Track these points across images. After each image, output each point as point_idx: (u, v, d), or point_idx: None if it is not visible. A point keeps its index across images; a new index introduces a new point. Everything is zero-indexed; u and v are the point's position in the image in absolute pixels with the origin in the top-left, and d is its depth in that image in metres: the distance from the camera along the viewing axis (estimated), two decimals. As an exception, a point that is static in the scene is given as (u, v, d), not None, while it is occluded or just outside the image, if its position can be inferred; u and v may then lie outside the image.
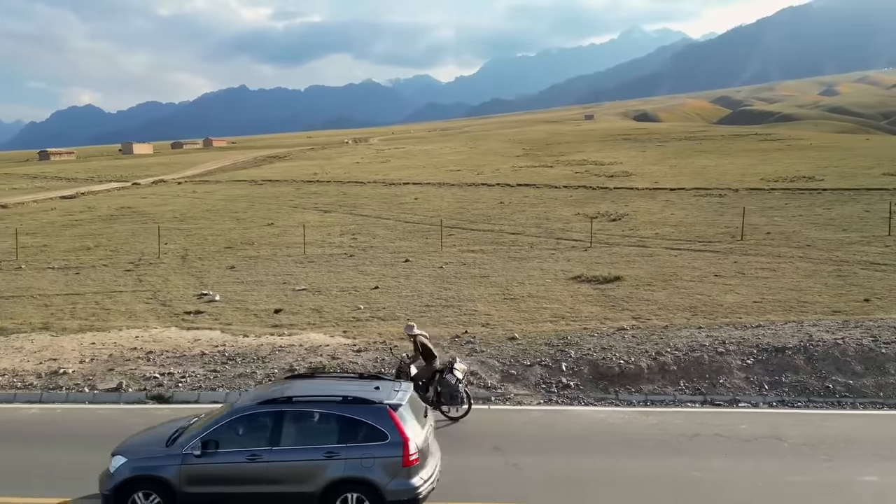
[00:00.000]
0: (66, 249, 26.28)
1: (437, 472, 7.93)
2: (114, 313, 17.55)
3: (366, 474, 7.47)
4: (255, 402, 8.22)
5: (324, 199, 40.13)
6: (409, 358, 11.30)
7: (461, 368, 11.07)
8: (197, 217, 33.86)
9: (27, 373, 13.34)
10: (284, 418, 7.91)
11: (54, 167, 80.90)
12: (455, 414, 10.90)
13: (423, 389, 10.92)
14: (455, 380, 10.69)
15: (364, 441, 7.60)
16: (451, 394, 10.69)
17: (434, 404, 10.83)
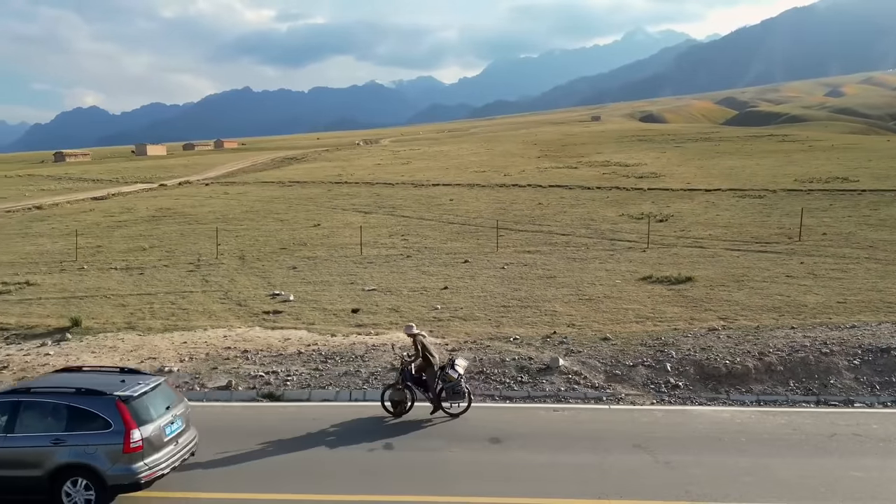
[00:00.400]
0: (121, 250, 26.49)
1: (175, 458, 8.63)
2: (192, 313, 17.73)
3: (88, 460, 8.14)
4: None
5: (358, 200, 40.32)
6: (410, 357, 11.58)
7: (463, 365, 11.32)
8: (239, 218, 34.06)
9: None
10: (21, 408, 8.52)
11: (76, 168, 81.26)
12: (456, 410, 11.14)
13: (425, 387, 11.22)
14: (457, 375, 10.94)
15: (90, 430, 8.25)
16: (454, 389, 10.93)
17: (436, 401, 11.14)
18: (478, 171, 57.56)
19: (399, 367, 11.60)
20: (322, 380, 12.99)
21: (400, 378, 11.32)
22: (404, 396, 11.25)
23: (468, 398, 11.14)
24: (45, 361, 14.15)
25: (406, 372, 11.28)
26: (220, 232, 30.04)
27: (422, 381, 11.25)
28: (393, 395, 11.26)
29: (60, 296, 19.77)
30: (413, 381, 11.29)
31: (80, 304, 18.88)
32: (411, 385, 11.27)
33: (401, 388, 11.24)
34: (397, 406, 11.23)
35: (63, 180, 63.02)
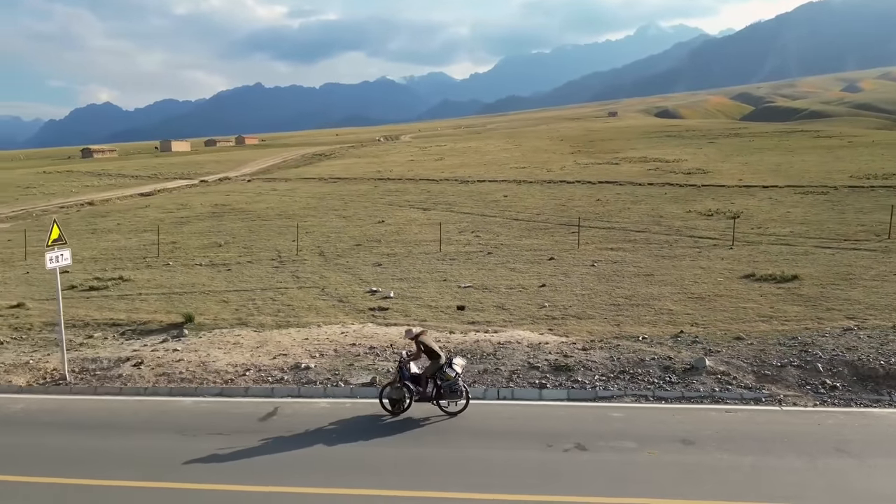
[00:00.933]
0: (197, 246, 26.60)
1: None
2: (298, 310, 17.74)
3: None
4: None
5: (411, 196, 40.29)
6: (409, 355, 11.51)
7: (460, 364, 11.33)
8: (300, 214, 34.12)
9: (270, 367, 13.55)
10: None
11: (112, 164, 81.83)
12: (454, 409, 11.13)
13: (424, 385, 11.13)
14: (455, 374, 10.96)
15: None
16: (451, 387, 10.94)
17: (433, 399, 11.10)
18: (517, 167, 57.39)
19: (397, 364, 11.55)
20: (465, 378, 12.92)
21: (398, 376, 11.23)
22: (402, 395, 11.17)
23: (466, 397, 11.12)
24: (176, 357, 14.20)
25: (404, 370, 11.20)
26: (288, 228, 30.20)
27: (419, 379, 11.20)
28: (391, 394, 11.22)
29: (158, 291, 19.88)
30: (411, 379, 11.21)
31: (182, 299, 18.97)
32: (409, 384, 11.18)
33: (399, 386, 11.17)
34: (395, 404, 11.18)
35: (102, 176, 63.51)
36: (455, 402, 11.12)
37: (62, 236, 14.35)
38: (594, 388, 12.19)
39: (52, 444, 10.23)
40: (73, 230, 31.64)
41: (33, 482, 8.95)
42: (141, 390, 12.91)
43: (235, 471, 9.21)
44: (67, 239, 27.14)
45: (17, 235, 31.26)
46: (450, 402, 11.12)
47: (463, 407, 11.17)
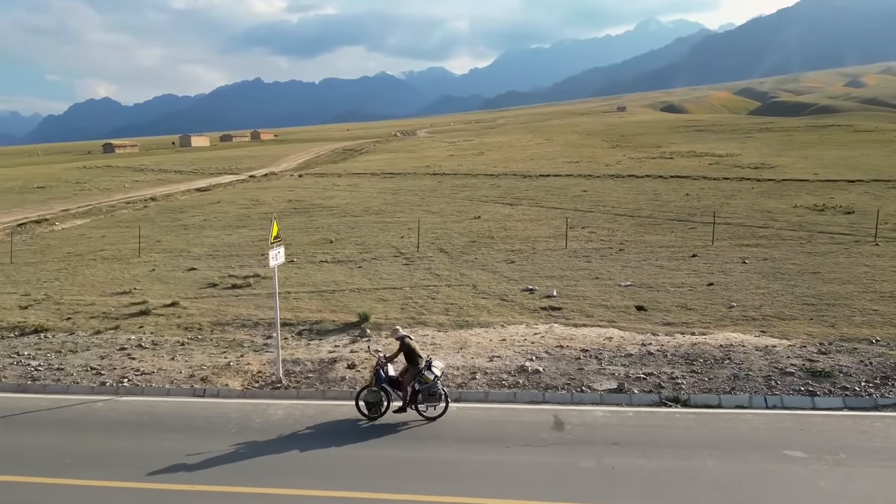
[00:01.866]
0: (307, 243, 25.79)
1: None
2: (466, 308, 16.95)
3: None
4: None
5: (485, 191, 39.49)
6: (386, 358, 11.23)
7: (440, 366, 10.97)
8: (389, 211, 33.31)
9: (494, 370, 12.78)
10: None
11: (150, 159, 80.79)
12: (432, 413, 10.76)
13: (401, 388, 10.82)
14: (434, 377, 10.59)
15: None
16: (430, 390, 10.58)
17: (411, 403, 10.74)
18: (568, 161, 56.71)
19: (374, 367, 11.12)
20: (710, 383, 12.19)
21: (374, 379, 10.84)
22: (380, 398, 10.81)
23: (445, 400, 10.78)
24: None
25: (380, 373, 10.85)
26: (379, 224, 29.43)
27: (397, 382, 10.89)
28: (368, 397, 10.83)
29: (305, 290, 19.09)
30: (389, 382, 10.89)
31: (335, 297, 18.20)
32: (386, 386, 10.85)
33: (376, 389, 10.80)
34: (372, 408, 10.82)
35: (145, 171, 62.55)
36: (434, 405, 10.69)
37: (279, 234, 13.58)
38: (871, 396, 11.45)
39: (382, 455, 9.60)
40: (161, 227, 30.83)
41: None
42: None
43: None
44: (164, 236, 26.45)
45: (106, 231, 30.42)
46: (428, 406, 10.69)
47: (442, 411, 10.74)
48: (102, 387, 12.86)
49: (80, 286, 20.39)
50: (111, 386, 12.89)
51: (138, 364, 13.92)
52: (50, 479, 8.98)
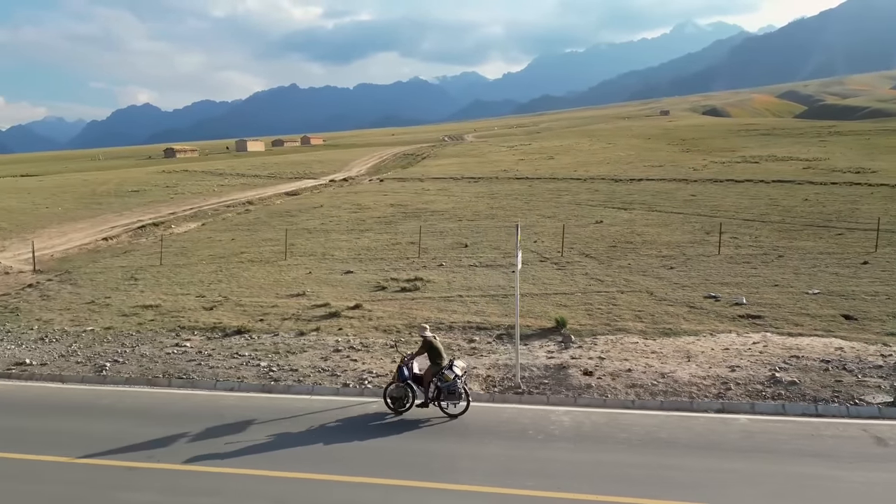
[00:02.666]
0: (442, 247, 25.75)
1: None
2: (658, 315, 16.59)
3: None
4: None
5: (585, 195, 39.07)
6: (410, 356, 11.68)
7: (461, 366, 11.35)
8: (500, 215, 33.15)
9: (745, 381, 12.43)
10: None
11: (223, 164, 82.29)
12: (453, 410, 11.17)
13: (426, 386, 11.26)
14: (454, 375, 11.00)
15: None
16: (450, 389, 10.98)
17: (434, 400, 11.18)
18: (652, 165, 55.89)
19: (398, 364, 11.68)
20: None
21: (397, 376, 11.36)
22: (405, 393, 11.31)
23: (466, 399, 11.18)
24: (620, 366, 13.22)
25: (402, 370, 11.34)
26: (502, 228, 29.25)
27: (420, 378, 11.38)
28: (393, 392, 11.36)
29: (472, 293, 18.96)
30: (413, 378, 11.39)
31: (508, 301, 18.00)
32: (411, 383, 11.34)
33: (402, 385, 11.31)
34: (396, 402, 11.33)
35: (225, 175, 63.68)
36: (455, 403, 11.12)
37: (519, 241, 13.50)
38: None
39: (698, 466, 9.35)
40: (281, 230, 31.18)
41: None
42: (629, 403, 11.93)
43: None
44: (294, 240, 26.62)
45: (234, 234, 30.89)
46: (449, 403, 11.13)
47: (463, 409, 11.16)
48: (346, 388, 12.91)
49: (248, 288, 20.67)
50: (354, 388, 12.94)
51: (364, 365, 13.97)
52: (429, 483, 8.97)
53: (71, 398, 12.87)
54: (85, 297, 20.73)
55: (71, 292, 21.37)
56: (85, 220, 37.60)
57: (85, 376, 14.13)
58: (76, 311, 19.16)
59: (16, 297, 21.25)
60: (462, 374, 11.22)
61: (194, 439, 10.56)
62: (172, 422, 11.29)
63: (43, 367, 14.77)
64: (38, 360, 15.08)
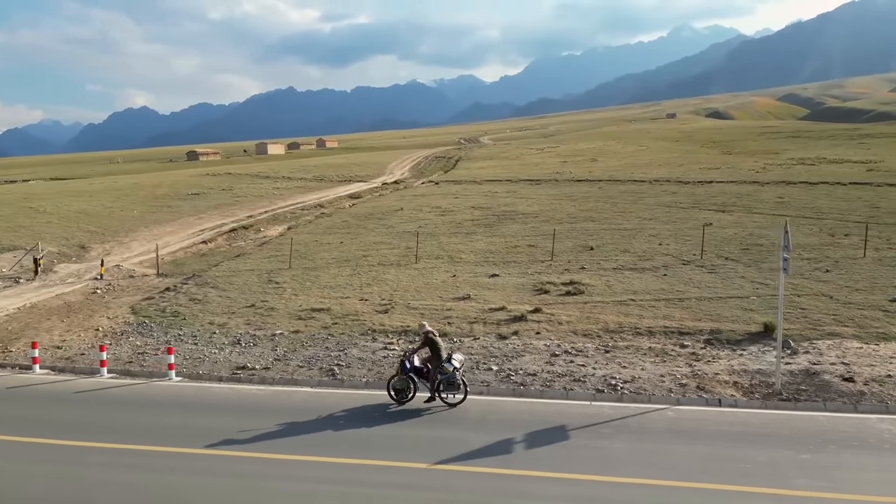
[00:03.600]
0: (565, 250, 25.56)
1: None
2: (863, 319, 16.43)
3: None
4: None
5: (664, 198, 38.91)
6: (411, 350, 12.46)
7: (459, 359, 12.05)
8: (599, 217, 32.94)
9: None
10: None
11: (263, 166, 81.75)
12: (452, 401, 11.97)
13: (427, 378, 12.07)
14: (453, 368, 11.74)
15: None
16: (449, 380, 11.77)
17: (435, 391, 12.02)
18: (707, 167, 55.89)
19: (400, 358, 12.47)
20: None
21: (400, 369, 12.07)
22: (407, 385, 12.04)
23: (464, 390, 11.97)
24: (856, 371, 13.08)
25: (404, 364, 12.04)
26: (617, 231, 29.06)
27: (422, 372, 12.14)
28: (396, 384, 12.11)
29: (642, 297, 18.76)
30: (414, 371, 12.09)
31: (686, 305, 17.82)
32: (412, 376, 12.07)
33: (404, 378, 12.02)
34: (399, 393, 12.08)
35: (271, 178, 63.34)
36: (453, 394, 11.93)
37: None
38: None
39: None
40: (382, 233, 31.01)
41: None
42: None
43: None
44: (403, 243, 26.33)
45: (342, 237, 30.60)
46: (448, 394, 11.95)
47: (461, 399, 11.95)
48: (600, 394, 12.71)
49: (404, 291, 20.46)
50: (609, 393, 12.74)
51: (600, 370, 13.77)
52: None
53: (345, 403, 12.46)
54: (238, 300, 20.50)
55: (220, 295, 21.14)
56: (167, 223, 37.30)
57: (321, 380, 13.92)
58: (243, 314, 18.95)
59: (163, 300, 21.00)
60: (460, 366, 11.96)
61: (509, 444, 10.32)
62: (464, 427, 11.06)
63: (266, 370, 14.55)
64: (256, 364, 14.87)
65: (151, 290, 22.69)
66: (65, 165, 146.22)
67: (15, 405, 13.14)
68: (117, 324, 18.79)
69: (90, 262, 27.55)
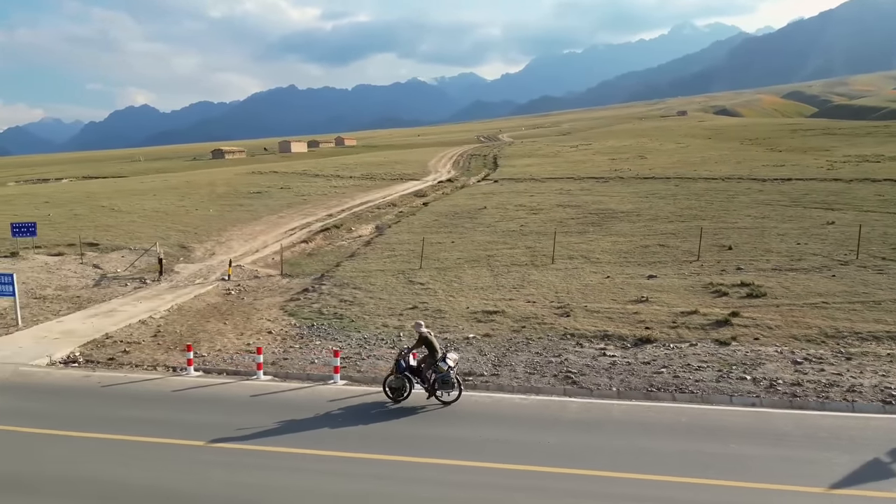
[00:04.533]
0: (704, 249, 24.74)
1: None
2: None
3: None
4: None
5: (760, 196, 37.91)
6: (407, 349, 12.50)
7: (453, 358, 12.10)
8: (706, 216, 32.05)
9: None
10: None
11: (305, 164, 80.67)
12: (447, 398, 12.04)
13: (423, 377, 12.11)
14: (447, 367, 11.81)
15: None
16: (444, 379, 11.85)
17: (431, 390, 12.05)
18: (773, 165, 54.97)
19: (395, 358, 12.51)
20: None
21: (395, 368, 12.16)
22: (402, 384, 12.16)
23: (459, 388, 12.03)
24: None
25: (400, 363, 12.12)
26: (738, 230, 28.19)
27: (417, 371, 12.18)
28: (392, 383, 12.23)
29: (833, 300, 17.94)
30: (410, 370, 12.16)
31: (876, 309, 17.00)
32: (408, 375, 12.13)
33: (400, 377, 12.12)
34: (395, 392, 12.18)
35: (319, 177, 62.39)
36: (448, 392, 11.98)
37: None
38: None
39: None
40: (486, 232, 30.17)
41: None
42: None
43: None
44: (520, 242, 25.39)
45: (454, 238, 29.77)
46: (443, 392, 11.98)
47: (456, 398, 11.99)
48: (891, 406, 11.90)
49: (566, 292, 19.63)
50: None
51: (866, 380, 12.94)
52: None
53: (622, 416, 11.66)
54: (393, 301, 19.71)
55: (369, 297, 20.34)
56: (250, 222, 36.41)
57: (556, 387, 13.10)
58: (409, 315, 18.15)
59: (311, 301, 20.22)
60: (454, 365, 12.00)
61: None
62: (759, 441, 10.25)
63: (494, 377, 13.73)
64: (482, 370, 14.06)
65: (287, 292, 21.88)
66: (87, 164, 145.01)
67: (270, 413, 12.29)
68: (281, 326, 17.99)
69: (203, 263, 26.72)
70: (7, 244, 27.82)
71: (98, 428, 11.47)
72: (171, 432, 11.20)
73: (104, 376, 14.35)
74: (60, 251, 27.28)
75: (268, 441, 10.81)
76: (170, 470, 9.90)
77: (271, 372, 14.62)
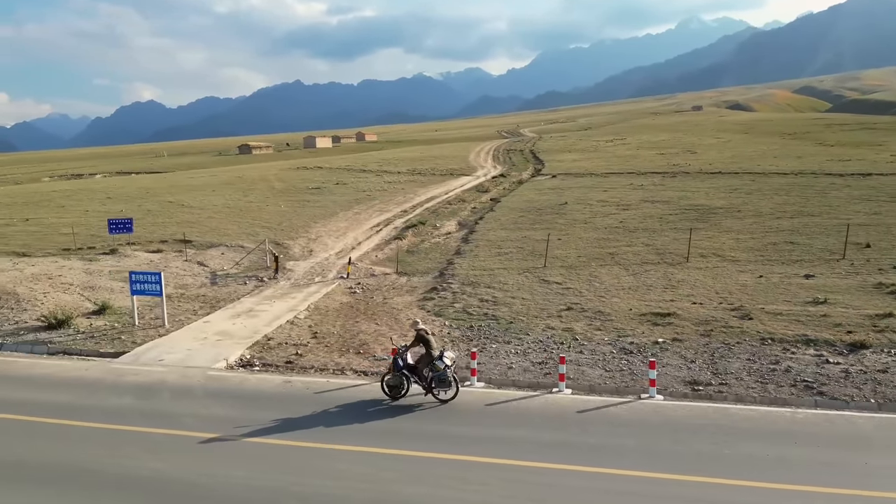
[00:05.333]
0: (837, 248, 23.61)
1: None
2: None
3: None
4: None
5: (854, 192, 36.79)
6: (404, 347, 12.34)
7: (450, 356, 11.93)
8: (810, 212, 30.91)
9: None
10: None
11: (347, 159, 79.62)
12: (444, 396, 11.91)
13: (420, 374, 11.98)
14: (444, 365, 11.67)
15: None
16: (441, 377, 11.72)
17: (427, 388, 11.95)
18: (838, 160, 53.70)
19: (392, 356, 12.38)
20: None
21: (392, 366, 12.07)
22: (400, 382, 11.99)
23: (455, 386, 11.89)
24: None
25: (397, 361, 12.03)
26: (851, 228, 27.04)
27: (415, 369, 12.04)
28: (390, 381, 12.06)
29: None
30: (407, 368, 12.05)
31: None
32: (406, 372, 12.00)
33: (397, 374, 11.99)
34: (393, 390, 12.02)
35: (369, 172, 61.34)
36: (444, 390, 11.85)
37: None
38: None
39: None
40: (585, 228, 29.11)
41: None
42: None
43: None
44: (621, 237, 24.22)
45: (528, 234, 28.71)
46: (439, 390, 11.87)
47: (453, 395, 11.86)
48: None
49: (724, 293, 18.56)
50: None
51: None
52: None
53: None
54: (539, 301, 18.86)
55: (509, 297, 19.34)
56: (327, 218, 35.42)
57: (804, 399, 12.05)
58: (567, 317, 17.23)
59: (448, 301, 19.21)
60: (451, 364, 11.83)
61: None
62: None
63: (724, 386, 12.65)
64: (700, 378, 13.00)
65: (413, 290, 20.91)
66: (106, 159, 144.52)
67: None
68: (435, 327, 17.01)
69: (309, 260, 25.74)
70: (99, 240, 26.88)
71: (380, 443, 10.35)
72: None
73: (306, 382, 13.30)
74: (158, 248, 26.31)
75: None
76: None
77: (488, 380, 13.60)
